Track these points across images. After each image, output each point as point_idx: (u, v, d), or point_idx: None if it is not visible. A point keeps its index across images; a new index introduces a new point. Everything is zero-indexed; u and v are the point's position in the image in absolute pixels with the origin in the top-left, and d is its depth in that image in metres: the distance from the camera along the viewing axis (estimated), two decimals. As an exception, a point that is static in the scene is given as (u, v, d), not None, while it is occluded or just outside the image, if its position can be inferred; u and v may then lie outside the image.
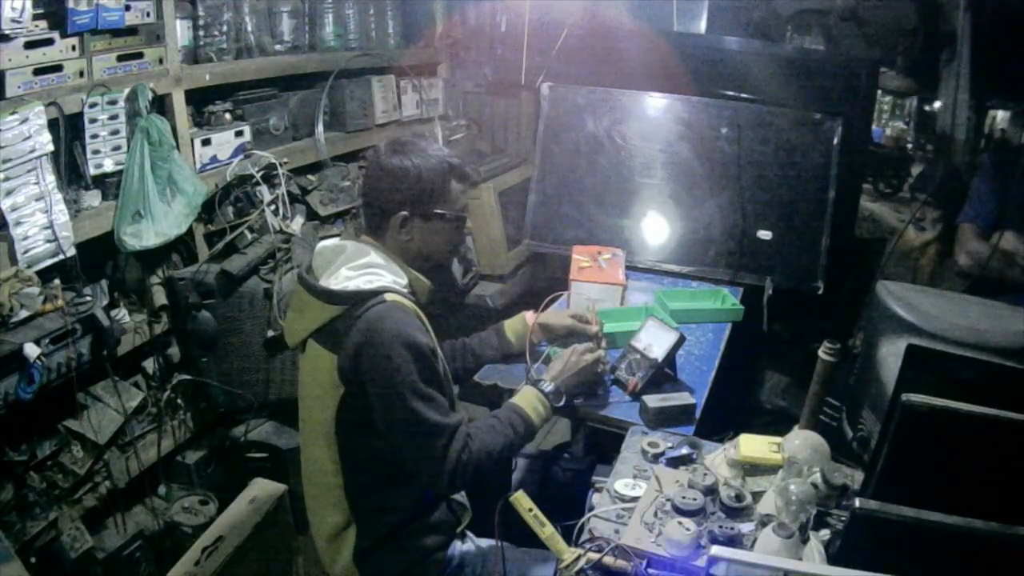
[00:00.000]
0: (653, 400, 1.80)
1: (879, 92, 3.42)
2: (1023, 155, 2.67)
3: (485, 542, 1.75)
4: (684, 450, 1.62)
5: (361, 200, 1.73)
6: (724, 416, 2.03)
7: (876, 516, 1.09)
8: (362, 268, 1.58)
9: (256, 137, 2.65)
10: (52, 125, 2.01)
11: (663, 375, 1.94)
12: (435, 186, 1.62)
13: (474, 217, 3.34)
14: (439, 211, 1.64)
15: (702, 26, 3.68)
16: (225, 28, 2.60)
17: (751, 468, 1.56)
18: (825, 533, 1.34)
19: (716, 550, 1.11)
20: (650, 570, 1.33)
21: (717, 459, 1.60)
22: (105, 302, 2.18)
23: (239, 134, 2.58)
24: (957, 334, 1.50)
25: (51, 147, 2.00)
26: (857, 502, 1.10)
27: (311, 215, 2.69)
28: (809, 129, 2.78)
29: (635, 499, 1.49)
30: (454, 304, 3.22)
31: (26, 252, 1.96)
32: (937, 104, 3.51)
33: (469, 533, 1.77)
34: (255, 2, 2.72)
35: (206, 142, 2.47)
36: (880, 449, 1.21)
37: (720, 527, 1.38)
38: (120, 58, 2.20)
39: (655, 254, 2.83)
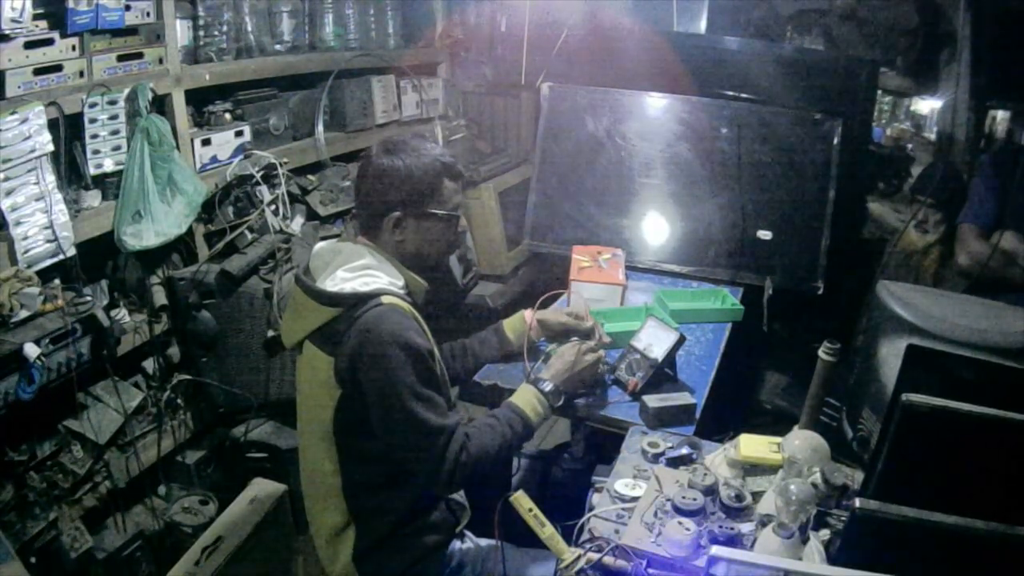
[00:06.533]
0: (653, 400, 1.80)
1: (879, 92, 3.42)
2: (1023, 155, 2.67)
3: (484, 542, 1.75)
4: (684, 450, 1.62)
5: (355, 201, 1.73)
6: (724, 416, 2.03)
7: (876, 516, 1.09)
8: (358, 270, 1.58)
9: (256, 137, 2.65)
10: (52, 125, 2.01)
11: (663, 375, 1.94)
12: (427, 185, 1.62)
13: (474, 217, 3.34)
14: (432, 210, 1.64)
15: (702, 26, 3.68)
16: (225, 28, 2.60)
17: (751, 468, 1.56)
18: (825, 533, 1.34)
19: (716, 550, 1.11)
20: (650, 570, 1.33)
21: (717, 459, 1.60)
22: (105, 302, 2.18)
23: (239, 134, 2.58)
24: (957, 334, 1.50)
25: (51, 147, 2.00)
26: (857, 502, 1.10)
27: (311, 215, 2.69)
28: (809, 129, 2.78)
29: (635, 499, 1.49)
30: (454, 304, 3.22)
31: (26, 252, 1.96)
32: (937, 104, 3.52)
33: (468, 533, 1.77)
34: (255, 2, 2.72)
35: (206, 142, 2.47)
36: (880, 449, 1.21)
37: (720, 527, 1.38)
38: (120, 58, 2.21)
39: (655, 254, 2.83)
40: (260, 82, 2.73)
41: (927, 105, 3.63)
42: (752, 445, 1.56)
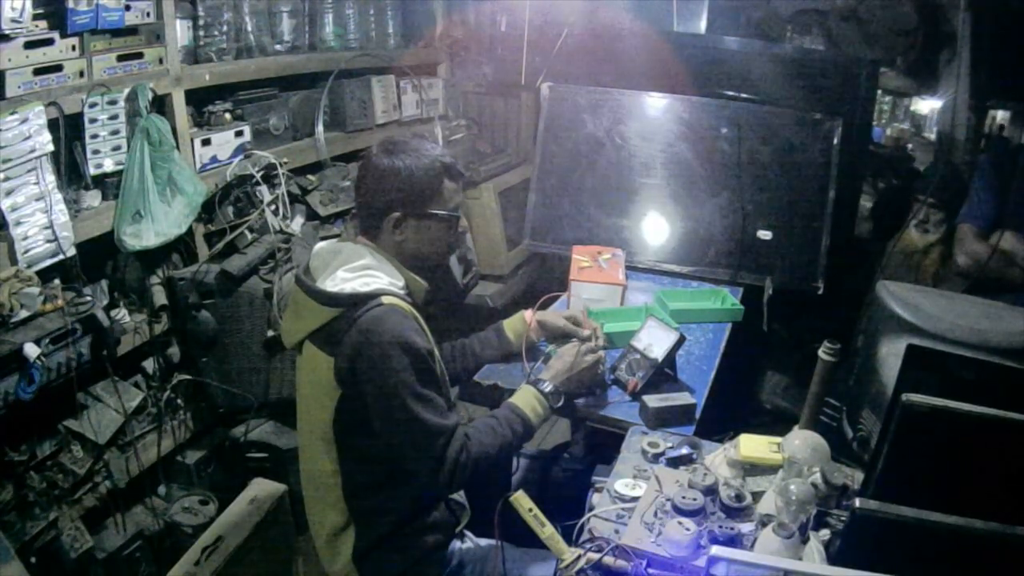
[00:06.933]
0: (653, 400, 1.80)
1: (879, 92, 3.42)
2: (1022, 155, 2.67)
3: (484, 542, 1.75)
4: (684, 450, 1.62)
5: (356, 201, 1.73)
6: (724, 416, 2.03)
7: (876, 516, 1.09)
8: (358, 270, 1.58)
9: (256, 137, 2.65)
10: (52, 125, 2.01)
11: (663, 375, 1.94)
12: (428, 186, 1.62)
13: (474, 217, 3.34)
14: (432, 211, 1.64)
15: (702, 26, 3.69)
16: (225, 28, 2.60)
17: (751, 468, 1.56)
18: (825, 533, 1.34)
19: (716, 550, 1.11)
20: (650, 570, 1.33)
21: (717, 459, 1.60)
22: (105, 302, 2.18)
23: (239, 134, 2.58)
24: (957, 334, 1.50)
25: (51, 147, 2.00)
26: (857, 502, 1.10)
27: (311, 215, 2.69)
28: (809, 129, 2.78)
29: (635, 499, 1.49)
30: (454, 304, 3.22)
31: (26, 252, 1.96)
32: (937, 104, 3.52)
33: (468, 533, 1.77)
34: (255, 2, 2.72)
35: (206, 142, 2.47)
36: (880, 449, 1.21)
37: (720, 527, 1.38)
38: (120, 58, 2.21)
39: (655, 254, 2.83)
40: (260, 82, 2.73)
41: (927, 105, 3.64)
42: (752, 445, 1.56)
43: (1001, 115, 3.29)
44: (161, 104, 2.34)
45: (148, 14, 2.27)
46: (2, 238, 1.93)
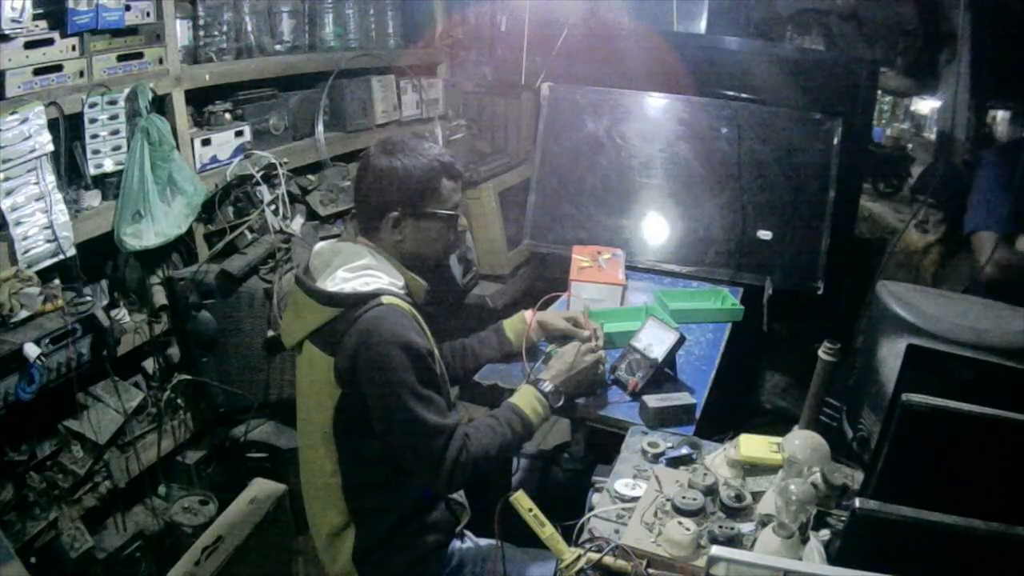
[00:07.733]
0: (653, 400, 1.80)
1: (879, 92, 3.42)
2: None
3: (484, 542, 1.75)
4: (684, 450, 1.62)
5: (355, 201, 1.74)
6: (724, 416, 2.03)
7: (876, 516, 1.09)
8: (358, 270, 1.59)
9: (256, 137, 2.65)
10: (52, 125, 2.00)
11: (663, 375, 1.94)
12: (426, 185, 1.62)
13: (474, 217, 3.34)
14: (431, 210, 1.64)
15: (702, 26, 3.69)
16: (225, 28, 2.60)
17: (751, 468, 1.56)
18: (825, 533, 1.34)
19: (716, 550, 1.11)
20: (650, 570, 1.33)
21: (717, 459, 1.60)
22: (105, 302, 2.18)
23: (239, 134, 2.58)
24: (957, 334, 1.50)
25: (51, 147, 1.99)
26: (857, 502, 1.10)
27: (311, 215, 2.69)
28: (809, 129, 2.78)
29: (635, 499, 1.49)
30: (454, 304, 3.22)
31: (26, 252, 1.96)
32: (937, 104, 3.52)
33: (468, 532, 1.77)
34: (255, 2, 2.72)
35: (206, 142, 2.47)
36: (880, 449, 1.21)
37: (720, 527, 1.38)
38: (120, 58, 2.20)
39: (655, 254, 2.83)
40: (260, 82, 2.72)
41: (927, 105, 3.64)
42: (752, 445, 1.56)
43: (1001, 115, 3.28)
44: (161, 104, 2.34)
45: (148, 14, 2.26)
46: (2, 238, 1.93)
